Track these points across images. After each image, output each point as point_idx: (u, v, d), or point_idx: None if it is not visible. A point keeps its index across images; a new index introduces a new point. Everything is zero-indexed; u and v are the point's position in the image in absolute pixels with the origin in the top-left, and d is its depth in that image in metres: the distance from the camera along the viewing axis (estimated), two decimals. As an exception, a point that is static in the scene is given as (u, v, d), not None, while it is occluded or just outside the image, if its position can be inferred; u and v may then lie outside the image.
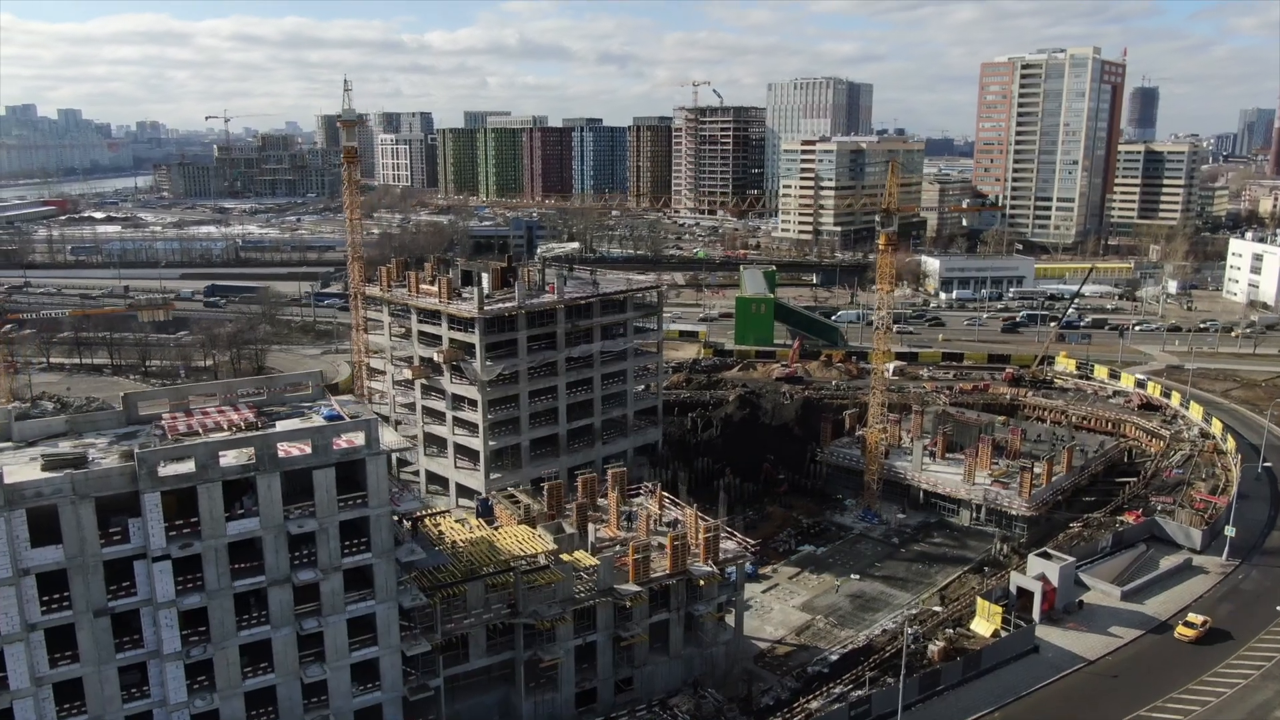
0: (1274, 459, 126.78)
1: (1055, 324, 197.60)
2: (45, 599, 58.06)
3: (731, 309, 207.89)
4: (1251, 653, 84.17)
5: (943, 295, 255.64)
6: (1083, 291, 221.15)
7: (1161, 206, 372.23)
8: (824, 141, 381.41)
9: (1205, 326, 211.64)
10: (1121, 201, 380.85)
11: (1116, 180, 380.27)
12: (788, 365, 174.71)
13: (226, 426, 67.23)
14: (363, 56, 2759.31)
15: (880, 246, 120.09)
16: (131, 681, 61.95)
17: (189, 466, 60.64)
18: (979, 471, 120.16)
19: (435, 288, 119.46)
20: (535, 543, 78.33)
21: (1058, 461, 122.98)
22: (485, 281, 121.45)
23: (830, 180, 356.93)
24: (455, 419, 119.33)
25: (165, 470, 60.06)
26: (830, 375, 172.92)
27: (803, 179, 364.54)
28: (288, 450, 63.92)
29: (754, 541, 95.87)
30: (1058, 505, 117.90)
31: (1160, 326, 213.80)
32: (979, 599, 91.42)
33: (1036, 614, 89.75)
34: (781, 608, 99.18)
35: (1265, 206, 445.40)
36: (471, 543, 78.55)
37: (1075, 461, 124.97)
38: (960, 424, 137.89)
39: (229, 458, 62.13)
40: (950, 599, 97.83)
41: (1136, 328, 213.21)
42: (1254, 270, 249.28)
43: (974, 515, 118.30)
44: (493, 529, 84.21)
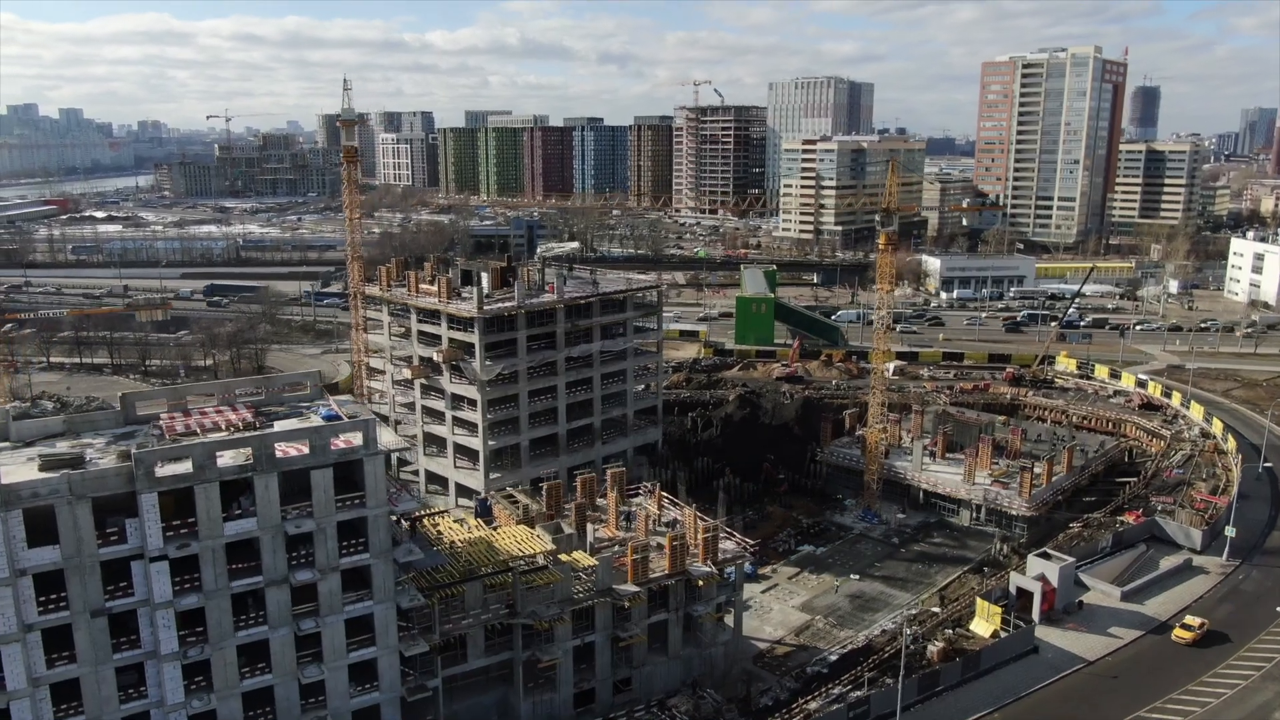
0: (1275, 459, 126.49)
1: (1056, 323, 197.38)
2: (42, 599, 58.02)
3: (732, 308, 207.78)
4: (1252, 653, 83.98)
5: (943, 295, 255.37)
6: (1083, 291, 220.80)
7: (1163, 206, 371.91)
8: (825, 141, 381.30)
9: (1206, 326, 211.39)
10: (1123, 201, 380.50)
11: (1118, 180, 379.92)
12: (788, 365, 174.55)
13: (224, 426, 67.18)
14: (364, 56, 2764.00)
15: (880, 246, 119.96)
16: (129, 682, 61.92)
17: (186, 467, 60.59)
18: (979, 471, 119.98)
19: (435, 287, 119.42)
20: (534, 543, 78.22)
21: (1058, 461, 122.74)
22: (485, 281, 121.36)
23: (831, 180, 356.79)
24: (455, 419, 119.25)
25: (162, 470, 60.01)
26: (830, 375, 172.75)
27: (804, 178, 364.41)
28: (285, 450, 63.87)
29: (753, 541, 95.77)
30: (1058, 505, 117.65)
31: (1161, 326, 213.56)
32: (978, 599, 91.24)
33: (1036, 614, 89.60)
34: (781, 608, 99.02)
35: (1266, 206, 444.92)
36: (470, 543, 78.44)
37: (1075, 461, 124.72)
38: (960, 424, 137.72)
39: (226, 458, 62.08)
40: (950, 599, 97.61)
41: (1137, 327, 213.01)
42: (1255, 270, 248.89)
43: (974, 515, 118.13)
44: (491, 529, 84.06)
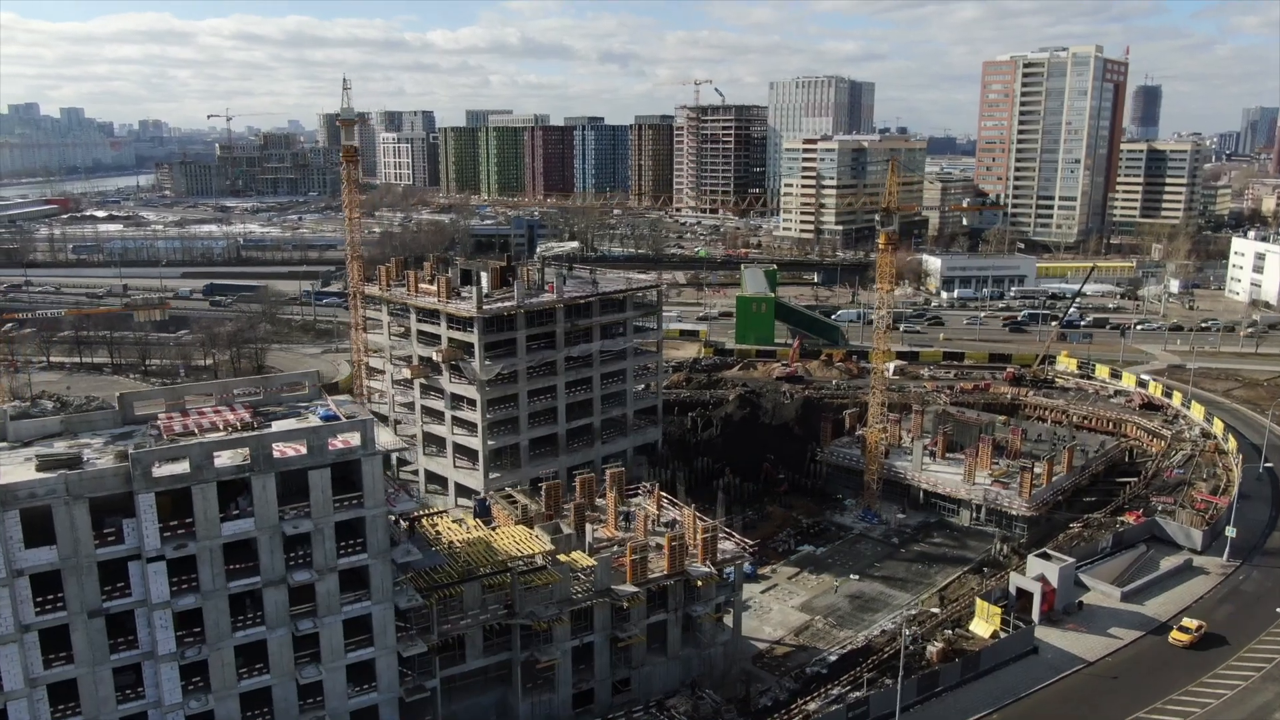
0: (1275, 459, 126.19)
1: (1056, 323, 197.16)
2: (39, 600, 57.89)
3: (732, 308, 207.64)
4: (1252, 654, 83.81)
5: (944, 294, 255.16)
6: (1084, 291, 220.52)
7: (1164, 205, 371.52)
8: (826, 140, 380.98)
9: (1207, 326, 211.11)
10: (1124, 200, 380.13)
11: (1119, 179, 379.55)
12: (788, 364, 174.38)
13: (222, 427, 67.07)
14: (365, 55, 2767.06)
15: (880, 246, 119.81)
16: (126, 682, 61.78)
17: (183, 467, 60.45)
18: (979, 471, 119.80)
19: (434, 287, 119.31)
20: (532, 543, 78.11)
21: (1058, 461, 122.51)
22: (484, 281, 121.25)
23: (832, 179, 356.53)
24: (454, 418, 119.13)
25: (160, 471, 59.89)
26: (830, 374, 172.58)
27: (804, 178, 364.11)
28: (283, 451, 63.74)
29: (752, 542, 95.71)
30: (1058, 505, 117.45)
31: (1162, 326, 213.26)
32: (978, 600, 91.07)
33: (1036, 615, 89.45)
34: (780, 608, 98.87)
35: (1268, 205, 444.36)
36: (469, 543, 78.30)
37: (1076, 461, 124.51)
38: (960, 423, 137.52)
39: (224, 458, 61.98)
40: (950, 600, 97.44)
41: (1138, 327, 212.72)
42: (1256, 269, 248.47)
43: (974, 515, 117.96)
44: (490, 529, 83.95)
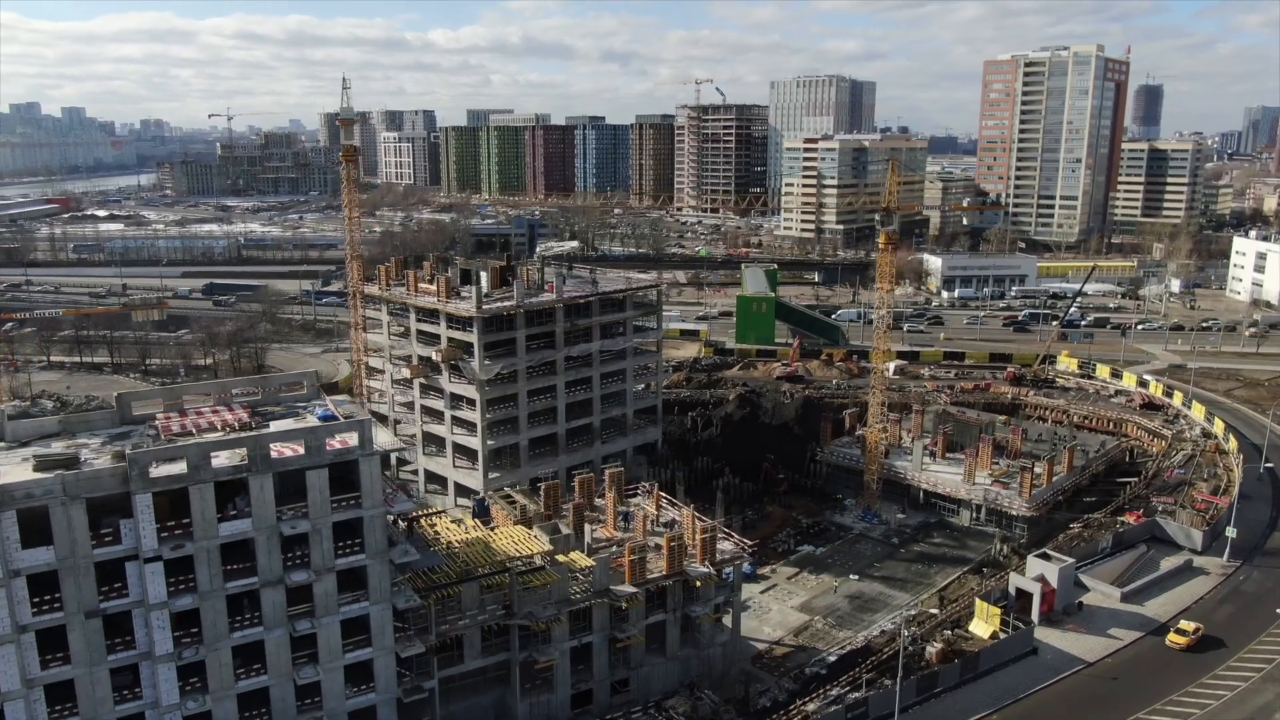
0: (1276, 459, 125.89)
1: (1057, 323, 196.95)
2: (36, 600, 57.81)
3: (732, 307, 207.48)
4: (1252, 655, 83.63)
5: (945, 294, 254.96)
6: (1085, 290, 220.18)
7: (1165, 205, 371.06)
8: (827, 139, 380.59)
9: (1208, 326, 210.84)
10: (1125, 200, 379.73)
11: (1120, 178, 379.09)
12: (788, 364, 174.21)
13: (220, 427, 66.95)
14: (366, 55, 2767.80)
15: (880, 245, 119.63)
16: (123, 683, 61.67)
17: (181, 467, 60.36)
18: (979, 471, 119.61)
19: (434, 286, 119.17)
20: (531, 543, 78.02)
21: (1058, 461, 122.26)
22: (484, 280, 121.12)
23: (833, 178, 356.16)
24: (454, 418, 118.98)
25: (157, 471, 59.83)
26: (831, 374, 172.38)
27: (805, 177, 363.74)
28: (281, 451, 63.64)
29: (751, 542, 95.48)
30: (1058, 505, 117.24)
31: (1163, 325, 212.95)
32: (978, 600, 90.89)
33: (1035, 615, 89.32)
34: (780, 608, 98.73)
35: (1269, 205, 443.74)
36: (467, 543, 78.22)
37: (1076, 461, 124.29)
38: (961, 423, 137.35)
39: (221, 458, 61.91)
40: (949, 600, 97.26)
41: (1139, 327, 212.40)
42: (1258, 269, 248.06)
43: (974, 515, 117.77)
44: (489, 529, 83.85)
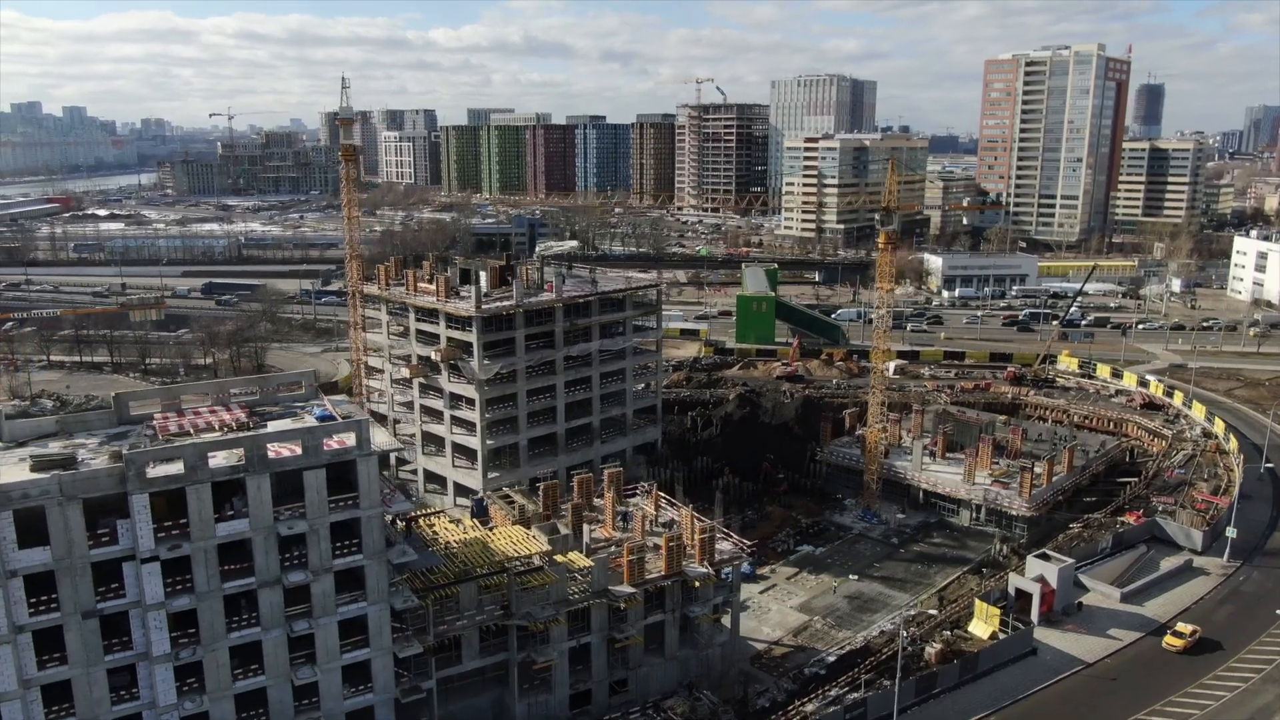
0: (1277, 459, 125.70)
1: (1057, 322, 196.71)
2: (33, 601, 57.68)
3: (732, 307, 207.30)
4: (1252, 656, 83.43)
5: (945, 293, 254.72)
6: (1086, 290, 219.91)
7: (1166, 204, 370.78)
8: (827, 139, 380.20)
9: (1209, 325, 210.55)
10: (1126, 199, 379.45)
11: (1121, 178, 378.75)
12: (788, 364, 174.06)
13: (218, 427, 66.80)
14: (367, 54, 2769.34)
15: (880, 245, 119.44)
16: (120, 683, 61.55)
17: (178, 468, 60.24)
18: (979, 471, 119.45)
19: (433, 286, 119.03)
20: (529, 544, 77.90)
21: (1058, 461, 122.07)
22: (483, 280, 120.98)
23: (833, 178, 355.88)
24: (453, 418, 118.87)
25: (154, 471, 59.71)
26: (831, 374, 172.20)
27: (806, 176, 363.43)
28: (278, 451, 63.51)
29: (750, 542, 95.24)
30: (1058, 505, 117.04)
31: (1163, 325, 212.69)
32: (977, 600, 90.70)
33: (1035, 616, 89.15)
34: (779, 608, 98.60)
35: (1270, 204, 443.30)
36: (465, 544, 78.10)
37: (1076, 461, 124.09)
38: (961, 423, 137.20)
39: (218, 459, 61.78)
40: (949, 600, 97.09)
41: (1139, 326, 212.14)
42: (1258, 268, 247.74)
43: (974, 515, 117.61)
44: (487, 530, 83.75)
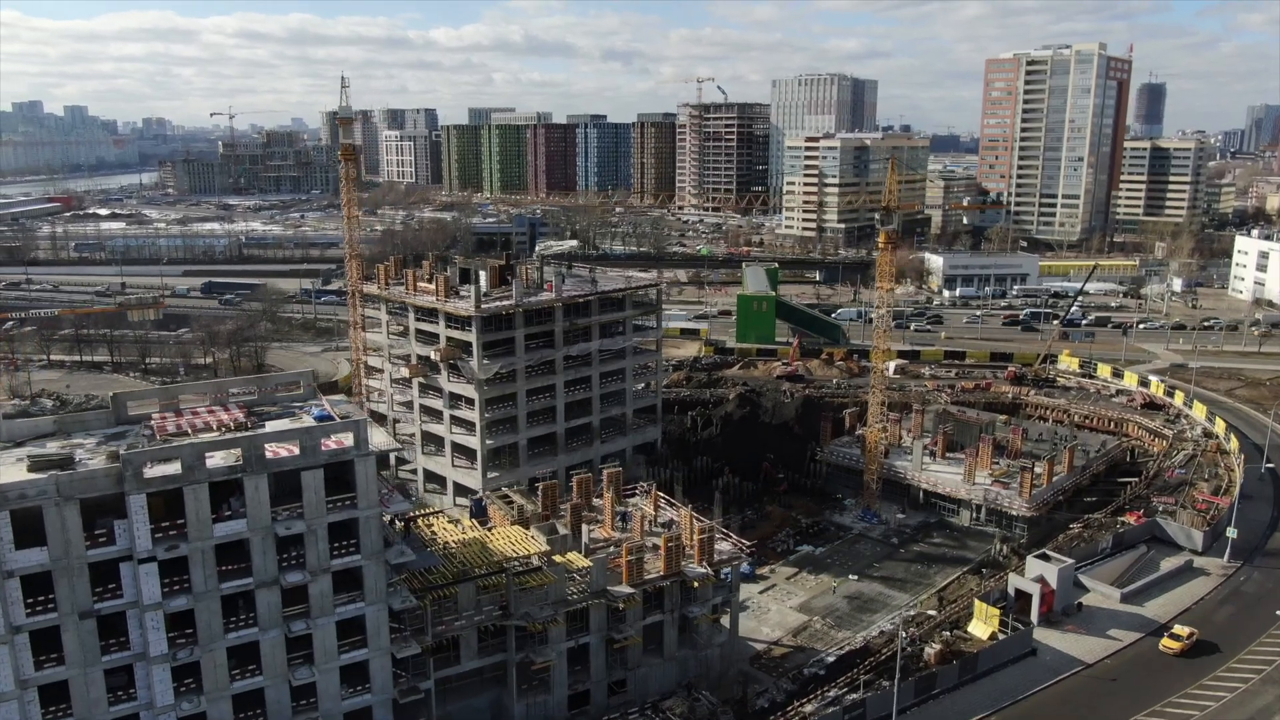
0: (1277, 459, 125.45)
1: (1058, 322, 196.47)
2: (30, 601, 57.63)
3: (733, 306, 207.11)
4: (1252, 656, 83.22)
5: (946, 293, 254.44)
6: (1087, 289, 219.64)
7: (1167, 203, 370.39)
8: (828, 138, 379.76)
9: (1210, 325, 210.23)
10: (1127, 198, 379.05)
11: (1122, 177, 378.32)
12: (788, 363, 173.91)
13: (216, 427, 66.75)
14: (368, 53, 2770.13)
15: (880, 244, 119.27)
16: (118, 684, 61.51)
17: (175, 468, 60.16)
18: (979, 471, 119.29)
19: (432, 285, 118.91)
20: (528, 544, 77.84)
21: (1059, 461, 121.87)
22: (483, 279, 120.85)
23: (834, 177, 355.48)
24: (453, 417, 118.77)
25: (151, 472, 59.60)
26: (831, 373, 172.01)
27: (807, 176, 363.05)
28: (276, 451, 63.44)
29: (750, 542, 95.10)
30: (1058, 505, 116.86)
31: (1164, 325, 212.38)
32: (976, 601, 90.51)
33: (1034, 616, 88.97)
34: (779, 608, 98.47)
35: (1272, 203, 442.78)
36: (464, 544, 78.05)
37: (1077, 461, 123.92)
38: (961, 423, 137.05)
39: (216, 459, 61.69)
40: (949, 600, 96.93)
41: (1140, 326, 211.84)
42: (1260, 268, 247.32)
43: (974, 515, 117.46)
44: (486, 530, 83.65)
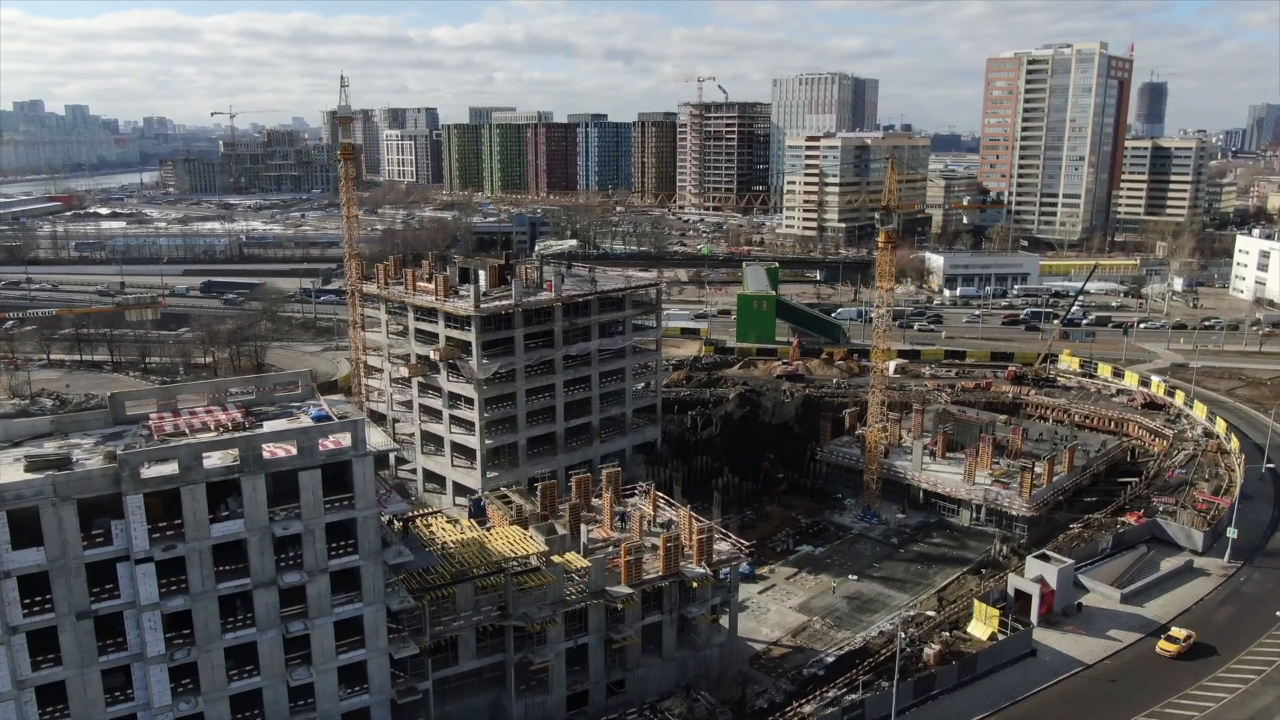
0: (1278, 459, 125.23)
1: (1058, 321, 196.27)
2: (27, 602, 57.52)
3: (734, 306, 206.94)
4: (1252, 657, 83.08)
5: (946, 292, 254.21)
6: (1087, 289, 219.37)
7: (1168, 203, 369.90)
8: (829, 137, 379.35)
9: (1210, 324, 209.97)
10: (1128, 198, 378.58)
11: (1123, 176, 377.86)
12: (788, 363, 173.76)
13: (213, 427, 66.66)
14: (369, 52, 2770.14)
15: (880, 244, 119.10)
16: (115, 684, 61.38)
17: (172, 468, 60.02)
18: (979, 471, 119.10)
19: (432, 285, 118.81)
20: (527, 544, 77.73)
21: (1059, 461, 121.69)
22: (482, 279, 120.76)
23: (835, 176, 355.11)
24: (452, 417, 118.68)
25: (148, 472, 59.46)
26: (831, 373, 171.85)
27: (807, 175, 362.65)
28: (273, 451, 63.31)
29: (749, 542, 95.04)
30: (1059, 505, 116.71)
31: (1165, 324, 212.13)
32: (976, 601, 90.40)
33: (1034, 617, 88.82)
34: (778, 609, 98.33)
35: (1273, 203, 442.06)
36: (462, 544, 77.92)
37: (1077, 461, 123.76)
38: (961, 423, 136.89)
39: (213, 459, 61.57)
40: (948, 601, 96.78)
41: (1141, 325, 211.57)
42: (1261, 267, 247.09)
43: (974, 515, 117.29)
44: (485, 530, 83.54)
